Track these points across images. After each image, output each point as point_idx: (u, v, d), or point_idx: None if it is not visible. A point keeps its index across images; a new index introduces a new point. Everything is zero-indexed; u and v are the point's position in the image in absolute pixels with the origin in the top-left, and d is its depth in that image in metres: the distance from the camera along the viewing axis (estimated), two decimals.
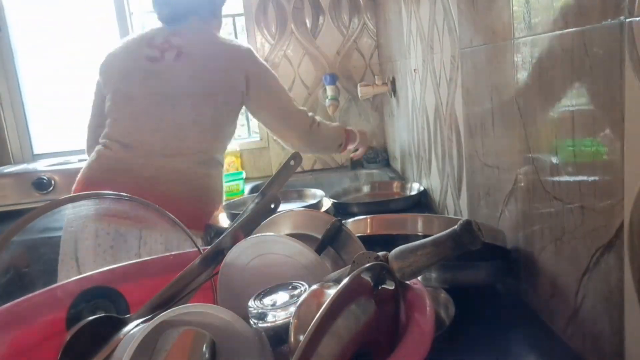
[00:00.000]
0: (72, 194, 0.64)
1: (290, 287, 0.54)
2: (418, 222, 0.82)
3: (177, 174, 1.37)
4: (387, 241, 0.72)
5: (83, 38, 2.37)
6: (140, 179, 1.35)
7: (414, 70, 1.51)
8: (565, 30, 0.62)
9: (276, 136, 1.62)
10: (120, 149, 1.39)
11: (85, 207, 1.21)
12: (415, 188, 1.60)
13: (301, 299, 0.49)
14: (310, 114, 1.59)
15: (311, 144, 1.60)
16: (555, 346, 0.72)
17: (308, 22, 2.20)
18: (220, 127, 1.46)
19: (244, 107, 1.52)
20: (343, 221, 0.68)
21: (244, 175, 2.11)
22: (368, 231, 0.83)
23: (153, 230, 1.29)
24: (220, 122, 1.46)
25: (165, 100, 1.43)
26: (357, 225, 0.85)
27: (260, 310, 0.51)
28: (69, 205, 0.61)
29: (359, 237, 0.67)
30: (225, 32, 2.33)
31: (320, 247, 0.65)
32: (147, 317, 0.56)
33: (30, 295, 0.61)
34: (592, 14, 0.57)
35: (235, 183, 2.04)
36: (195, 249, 0.68)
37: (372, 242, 0.67)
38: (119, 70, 1.48)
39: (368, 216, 0.86)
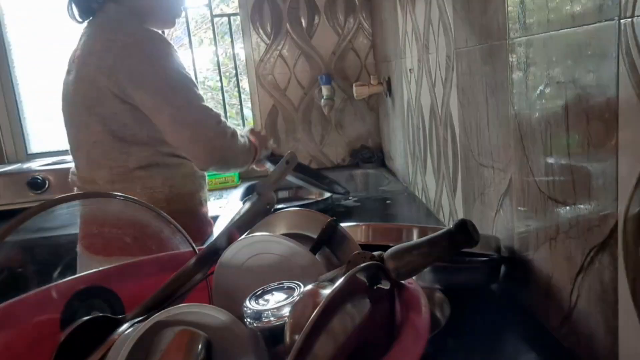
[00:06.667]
0: (66, 194, 0.64)
1: (285, 287, 0.54)
2: (413, 233, 0.81)
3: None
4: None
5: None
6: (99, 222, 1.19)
7: (410, 70, 1.51)
8: (560, 31, 0.63)
9: (177, 144, 1.20)
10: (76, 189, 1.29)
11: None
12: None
13: (296, 298, 0.49)
14: (222, 118, 1.19)
15: (224, 156, 1.19)
16: (550, 345, 0.73)
17: (303, 22, 2.20)
18: (126, 140, 1.18)
19: None
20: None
21: None
22: (362, 240, 0.82)
23: None
24: (123, 134, 1.17)
25: (72, 122, 1.24)
26: (352, 232, 0.84)
27: (255, 310, 0.51)
28: (63, 205, 0.61)
29: None
30: (221, 31, 2.33)
31: (315, 247, 0.65)
32: (142, 317, 0.56)
33: (24, 295, 0.60)
34: (586, 14, 0.57)
35: (230, 175, 2.11)
36: (191, 248, 0.68)
37: (364, 249, 0.67)
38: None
39: (363, 224, 0.85)
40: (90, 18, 1.24)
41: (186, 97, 1.15)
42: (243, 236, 0.64)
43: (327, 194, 1.66)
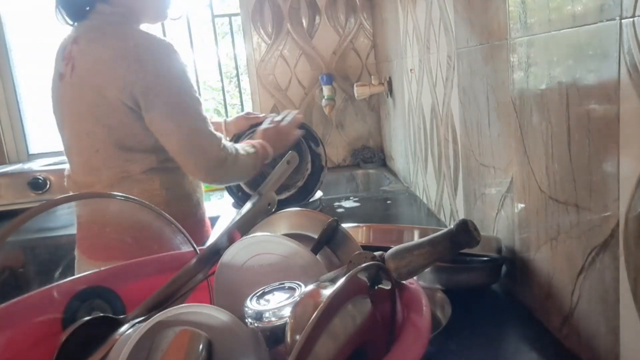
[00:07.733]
0: (67, 194, 0.64)
1: (286, 287, 0.54)
2: (414, 234, 0.81)
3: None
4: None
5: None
6: (95, 226, 1.21)
7: (411, 70, 1.51)
8: (561, 31, 0.63)
9: (180, 164, 1.20)
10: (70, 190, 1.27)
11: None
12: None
13: (297, 299, 0.49)
14: (223, 142, 1.20)
15: (222, 177, 1.23)
16: (551, 346, 0.73)
17: (304, 22, 2.20)
18: (131, 149, 1.18)
19: None
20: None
21: None
22: (363, 241, 0.82)
23: None
24: (130, 143, 1.17)
25: (71, 128, 1.22)
26: (353, 234, 0.84)
27: (256, 310, 0.51)
28: (65, 205, 0.61)
29: None
30: (222, 32, 2.33)
31: (316, 247, 0.65)
32: (143, 318, 0.56)
33: (25, 295, 0.60)
34: (587, 14, 0.57)
35: None
36: (192, 249, 0.68)
37: (366, 250, 0.67)
38: (50, 91, 1.28)
39: (364, 225, 0.85)
40: (82, 20, 1.21)
41: (194, 123, 1.15)
42: (244, 236, 0.64)
43: (318, 195, 1.63)
